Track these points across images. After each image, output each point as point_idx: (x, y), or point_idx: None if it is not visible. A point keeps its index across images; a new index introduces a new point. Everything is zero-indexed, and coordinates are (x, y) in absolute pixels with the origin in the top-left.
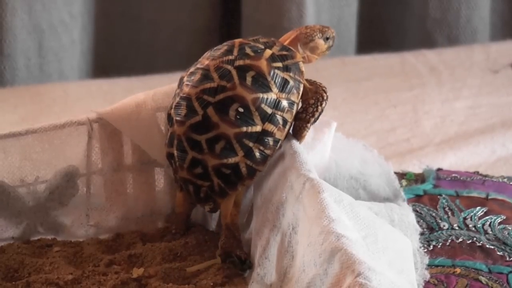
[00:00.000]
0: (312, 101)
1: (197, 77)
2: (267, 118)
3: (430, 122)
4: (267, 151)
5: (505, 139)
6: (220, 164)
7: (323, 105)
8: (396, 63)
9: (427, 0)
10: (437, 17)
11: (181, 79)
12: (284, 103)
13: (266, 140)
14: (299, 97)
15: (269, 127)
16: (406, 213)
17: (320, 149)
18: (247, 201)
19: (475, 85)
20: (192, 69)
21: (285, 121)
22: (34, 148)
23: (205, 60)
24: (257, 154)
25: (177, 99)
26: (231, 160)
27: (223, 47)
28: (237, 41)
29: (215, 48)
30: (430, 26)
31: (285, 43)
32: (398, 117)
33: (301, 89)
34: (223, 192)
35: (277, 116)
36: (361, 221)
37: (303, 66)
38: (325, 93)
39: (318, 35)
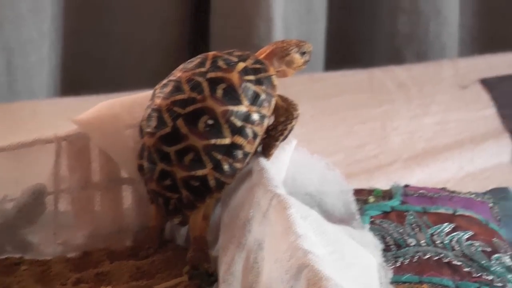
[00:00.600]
0: (283, 119)
1: (168, 88)
2: (237, 131)
3: (399, 138)
4: (237, 164)
5: (473, 155)
6: (188, 176)
7: (293, 123)
8: (364, 80)
9: (395, 16)
10: (405, 33)
11: (154, 91)
12: (255, 116)
13: (235, 153)
14: (271, 110)
15: (239, 140)
16: (364, 233)
17: (277, 166)
18: (216, 218)
19: (443, 101)
20: (165, 81)
21: (255, 134)
22: (2, 166)
23: (178, 72)
24: (226, 167)
25: (149, 110)
26: (200, 172)
27: (197, 59)
28: (211, 53)
29: (189, 60)
30: (399, 42)
31: (261, 57)
32: (366, 134)
33: (273, 102)
34: (192, 205)
35: (247, 129)
36: (327, 237)
37: (276, 80)
38: (296, 111)
39: (295, 49)
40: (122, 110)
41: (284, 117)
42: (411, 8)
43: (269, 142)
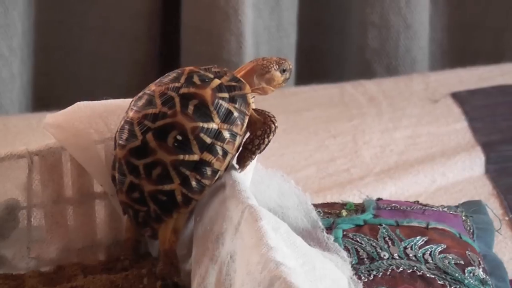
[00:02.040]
0: (260, 133)
1: (142, 102)
2: (206, 148)
3: (370, 152)
4: (205, 181)
5: (445, 168)
6: (156, 190)
7: (270, 137)
8: (335, 94)
9: (365, 31)
10: (376, 47)
11: (130, 104)
12: (226, 134)
13: (203, 169)
14: (243, 129)
15: (207, 156)
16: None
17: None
18: (189, 231)
19: (414, 114)
20: (140, 94)
21: (225, 152)
22: None
23: (153, 86)
24: (194, 183)
25: (122, 122)
26: (167, 187)
27: (173, 73)
28: (188, 68)
29: (166, 74)
30: (369, 56)
31: (240, 74)
32: (338, 148)
33: (246, 121)
34: (159, 218)
35: (217, 146)
36: (298, 249)
37: (251, 99)
38: (274, 124)
39: (275, 66)
40: (100, 120)
41: (260, 130)
42: (381, 23)
43: (245, 155)
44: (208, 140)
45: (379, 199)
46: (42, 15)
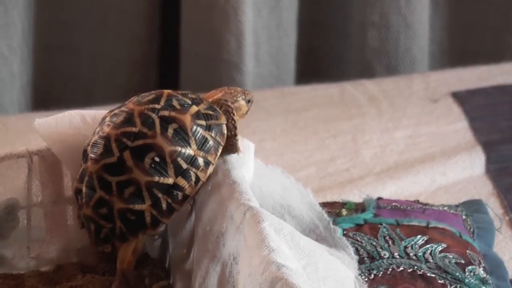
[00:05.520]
0: (226, 117)
1: (119, 119)
2: (181, 173)
3: (370, 151)
4: (174, 205)
5: (445, 168)
6: (125, 209)
7: (233, 113)
8: (335, 93)
9: (365, 30)
10: (376, 47)
11: (104, 118)
12: (200, 161)
13: (175, 193)
14: (216, 159)
15: (181, 181)
16: (339, 244)
17: (243, 173)
18: (188, 232)
19: (414, 114)
20: (116, 111)
21: (197, 179)
22: None
23: (131, 104)
24: (164, 205)
25: (96, 137)
26: (138, 207)
27: (151, 95)
28: (166, 91)
29: (143, 94)
30: (369, 56)
31: (211, 101)
32: (337, 147)
33: (220, 151)
34: (124, 237)
35: (191, 172)
36: (301, 250)
37: (225, 129)
38: (227, 101)
39: (242, 96)
40: (88, 126)
41: (226, 115)
42: (381, 22)
43: (230, 142)
44: (184, 165)
45: (379, 198)
46: (42, 14)
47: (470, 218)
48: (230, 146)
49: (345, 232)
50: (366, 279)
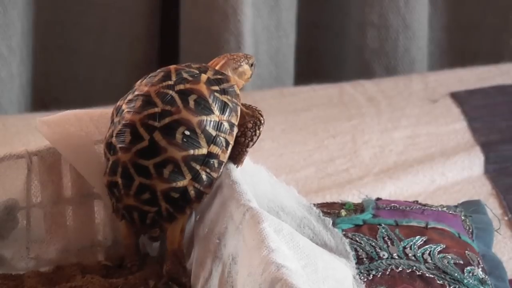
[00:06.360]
0: (250, 125)
1: (138, 103)
2: (212, 141)
3: (369, 152)
4: (213, 174)
5: (444, 168)
6: (169, 188)
7: (261, 129)
8: (334, 94)
9: (364, 31)
10: (375, 47)
11: (119, 108)
12: (226, 125)
13: (212, 162)
14: (238, 119)
15: (214, 149)
16: (339, 240)
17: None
18: (187, 233)
19: (413, 114)
20: (130, 97)
21: (227, 143)
22: None
23: (144, 87)
24: (204, 176)
25: (119, 126)
26: (180, 183)
27: (159, 73)
28: (171, 67)
29: (150, 75)
30: (368, 56)
31: (217, 68)
32: (337, 148)
33: (239, 111)
34: (171, 216)
35: (221, 138)
36: (300, 250)
37: (238, 90)
38: (262, 116)
39: (245, 61)
40: (91, 124)
41: (251, 123)
42: (380, 23)
43: (239, 149)
44: (213, 133)
45: (378, 199)
46: (42, 15)
47: (469, 218)
48: (237, 155)
49: (344, 233)
50: (365, 280)
